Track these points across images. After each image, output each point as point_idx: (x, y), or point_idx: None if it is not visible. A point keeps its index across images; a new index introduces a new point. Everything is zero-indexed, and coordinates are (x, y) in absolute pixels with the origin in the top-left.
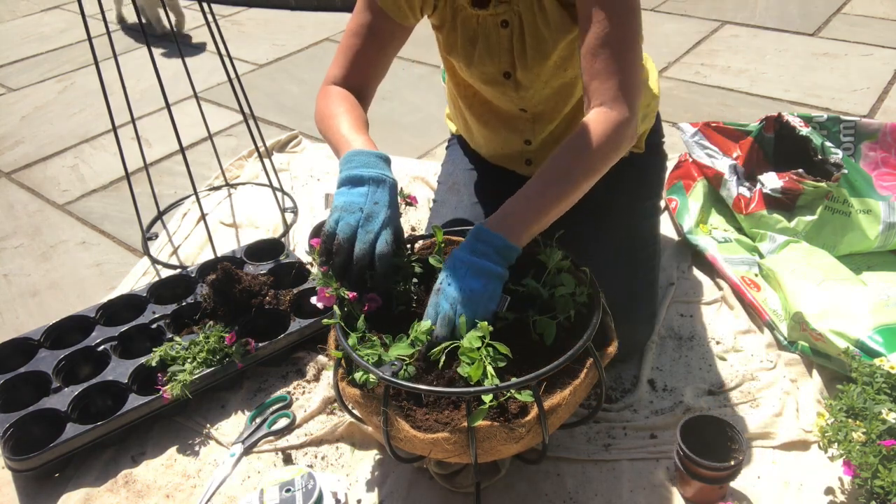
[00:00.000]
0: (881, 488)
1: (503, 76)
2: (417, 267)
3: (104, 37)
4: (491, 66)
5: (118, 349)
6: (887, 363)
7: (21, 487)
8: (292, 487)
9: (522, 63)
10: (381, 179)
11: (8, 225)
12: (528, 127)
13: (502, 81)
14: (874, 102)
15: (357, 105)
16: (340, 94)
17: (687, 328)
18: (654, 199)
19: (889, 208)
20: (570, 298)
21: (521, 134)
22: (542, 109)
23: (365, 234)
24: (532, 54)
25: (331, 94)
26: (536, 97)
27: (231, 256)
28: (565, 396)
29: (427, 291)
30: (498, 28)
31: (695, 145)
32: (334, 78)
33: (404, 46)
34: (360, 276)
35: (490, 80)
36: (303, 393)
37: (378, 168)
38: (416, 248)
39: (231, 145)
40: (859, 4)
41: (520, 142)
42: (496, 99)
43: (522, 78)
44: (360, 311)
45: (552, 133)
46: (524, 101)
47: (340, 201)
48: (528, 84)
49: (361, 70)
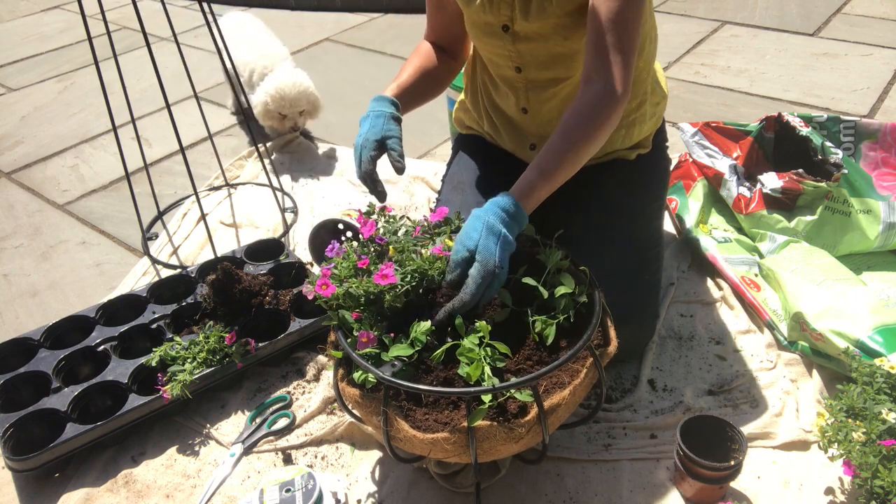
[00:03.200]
0: (881, 488)
1: (502, 29)
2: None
3: (104, 37)
4: (491, 16)
5: (118, 349)
6: (887, 363)
7: (21, 487)
8: (292, 487)
9: (524, 14)
10: (367, 114)
11: (8, 225)
12: (523, 93)
13: (500, 34)
14: (874, 102)
15: (425, 55)
16: (418, 49)
17: (687, 328)
18: (660, 201)
19: (889, 208)
20: (569, 298)
21: (518, 100)
22: (537, 77)
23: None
24: (534, 9)
25: (413, 52)
26: (533, 56)
27: (231, 256)
28: (565, 396)
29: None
30: None
31: (695, 145)
32: (425, 34)
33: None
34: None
35: (489, 32)
36: (303, 393)
37: (370, 107)
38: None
39: (231, 145)
40: (859, 4)
41: (517, 109)
42: (493, 54)
43: (520, 29)
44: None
45: (550, 112)
46: (521, 58)
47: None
48: (526, 37)
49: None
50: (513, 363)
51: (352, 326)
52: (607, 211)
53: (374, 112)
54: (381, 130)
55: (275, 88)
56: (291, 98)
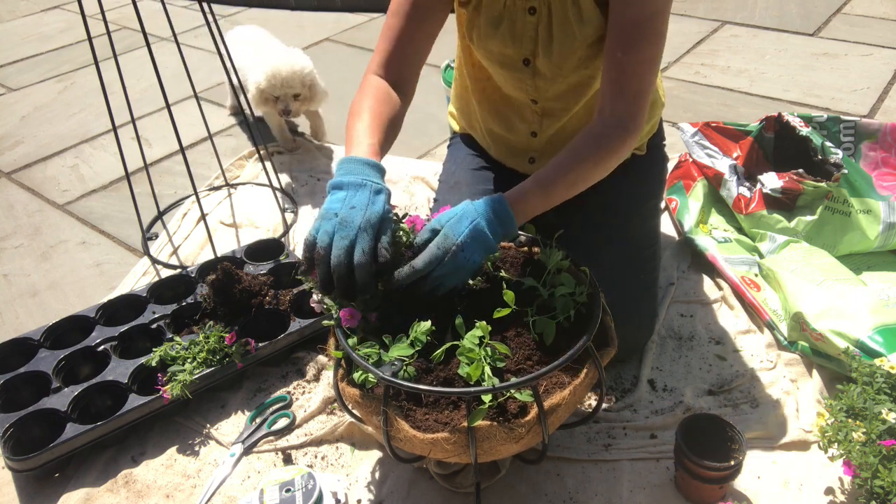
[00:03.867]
0: (881, 488)
1: (523, 62)
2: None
3: (104, 37)
4: (512, 49)
5: (118, 349)
6: (887, 363)
7: (21, 487)
8: (292, 487)
9: (546, 52)
10: (361, 184)
11: (8, 225)
12: (536, 119)
13: (520, 68)
14: (874, 102)
15: (386, 99)
16: (372, 88)
17: (687, 328)
18: (656, 199)
19: (889, 208)
20: (569, 298)
21: (528, 125)
22: (553, 106)
23: (340, 241)
24: (557, 47)
25: (364, 89)
26: (552, 90)
27: (231, 256)
28: (565, 396)
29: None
30: (525, 13)
31: (695, 145)
32: (374, 66)
33: None
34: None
35: (508, 65)
36: (303, 393)
37: (360, 174)
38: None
39: (231, 145)
40: (859, 4)
41: (526, 133)
42: (509, 85)
43: (542, 67)
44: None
45: (559, 131)
46: (538, 92)
47: (322, 209)
48: (548, 74)
49: (401, 53)
50: (513, 363)
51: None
52: (604, 210)
53: (370, 186)
54: (381, 214)
55: (269, 68)
56: (284, 77)
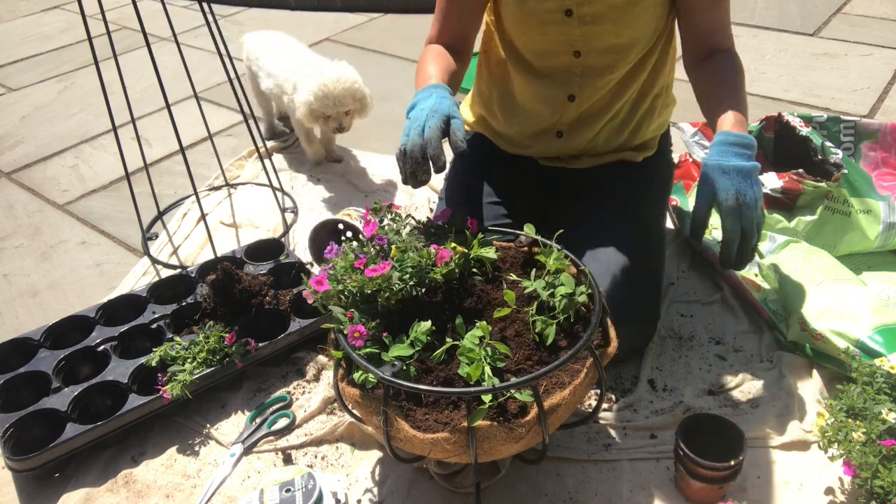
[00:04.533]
0: (881, 488)
1: (564, 13)
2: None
3: (104, 37)
4: (553, 2)
5: (118, 349)
6: (887, 363)
7: (21, 487)
8: (292, 487)
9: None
10: (428, 95)
11: (8, 225)
12: (576, 81)
13: (562, 20)
14: (874, 102)
15: (443, 54)
16: (431, 50)
17: (687, 328)
18: (663, 202)
19: (889, 208)
20: (569, 298)
21: (566, 88)
22: (596, 62)
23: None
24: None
25: (424, 53)
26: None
27: (231, 256)
28: (565, 396)
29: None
30: None
31: (695, 145)
32: (430, 38)
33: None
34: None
35: (548, 20)
36: (303, 393)
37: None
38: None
39: (231, 145)
40: (859, 4)
41: (562, 99)
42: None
43: (588, 11)
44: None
45: (598, 100)
46: (585, 41)
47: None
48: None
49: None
50: (513, 363)
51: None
52: (610, 211)
53: (437, 93)
54: (449, 108)
55: (319, 85)
56: (336, 95)
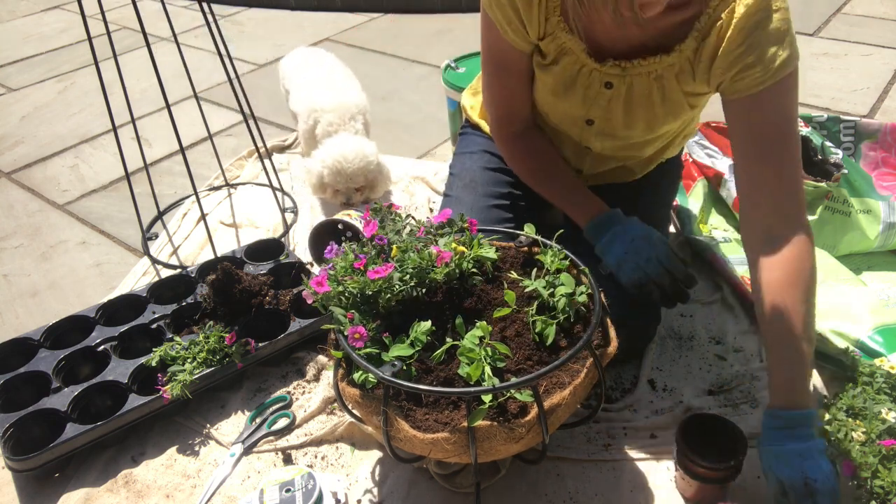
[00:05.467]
0: (881, 488)
1: (585, 122)
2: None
3: (104, 37)
4: (578, 110)
5: (118, 349)
6: (887, 363)
7: (21, 487)
8: (292, 487)
9: (616, 121)
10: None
11: (8, 225)
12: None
13: (581, 125)
14: (874, 102)
15: (550, 149)
16: (532, 148)
17: (687, 328)
18: (669, 205)
19: (889, 208)
20: (569, 298)
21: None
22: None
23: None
24: (631, 120)
25: (520, 153)
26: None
27: (231, 256)
28: (565, 396)
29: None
30: (601, 86)
31: (695, 145)
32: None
33: (404, 46)
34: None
35: (569, 121)
36: (303, 393)
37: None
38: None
39: (231, 145)
40: (859, 4)
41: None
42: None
43: (605, 127)
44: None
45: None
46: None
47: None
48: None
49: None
50: (513, 363)
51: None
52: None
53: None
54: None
55: (333, 160)
56: (349, 174)
